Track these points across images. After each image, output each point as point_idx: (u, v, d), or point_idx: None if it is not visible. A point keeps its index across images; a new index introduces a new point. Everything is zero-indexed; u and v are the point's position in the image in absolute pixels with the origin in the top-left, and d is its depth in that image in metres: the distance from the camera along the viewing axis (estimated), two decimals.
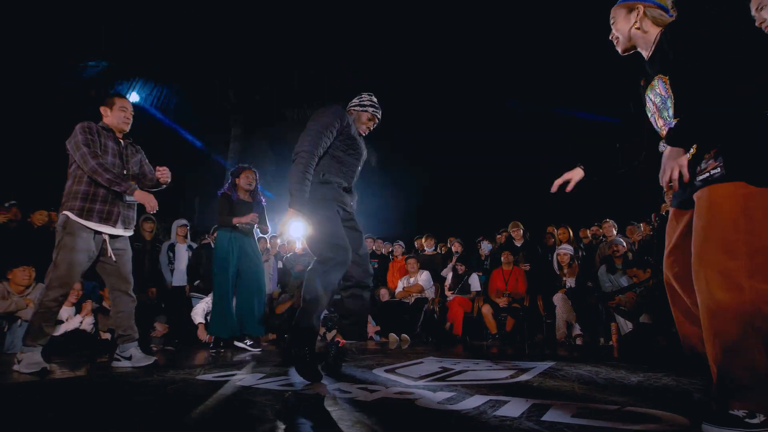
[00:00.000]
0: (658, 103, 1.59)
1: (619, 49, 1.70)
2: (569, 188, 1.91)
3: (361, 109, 2.74)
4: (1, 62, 8.18)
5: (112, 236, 2.93)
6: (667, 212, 1.71)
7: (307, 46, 10.77)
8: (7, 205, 5.13)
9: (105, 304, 4.92)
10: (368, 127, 2.78)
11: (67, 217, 2.73)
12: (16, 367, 2.62)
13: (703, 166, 1.44)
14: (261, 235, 5.11)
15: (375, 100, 2.79)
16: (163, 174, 3.10)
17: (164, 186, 3.18)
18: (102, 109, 3.06)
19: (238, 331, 4.16)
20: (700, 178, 1.44)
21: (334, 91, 11.07)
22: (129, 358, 2.91)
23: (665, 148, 1.52)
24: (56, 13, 8.38)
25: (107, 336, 4.51)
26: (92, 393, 2.07)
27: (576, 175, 1.91)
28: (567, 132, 10.98)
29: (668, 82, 1.52)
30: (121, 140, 3.06)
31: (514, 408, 1.60)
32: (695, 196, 1.46)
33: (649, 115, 1.68)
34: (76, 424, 1.45)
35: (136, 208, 3.10)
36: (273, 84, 10.93)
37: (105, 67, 9.49)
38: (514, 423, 1.42)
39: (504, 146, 12.04)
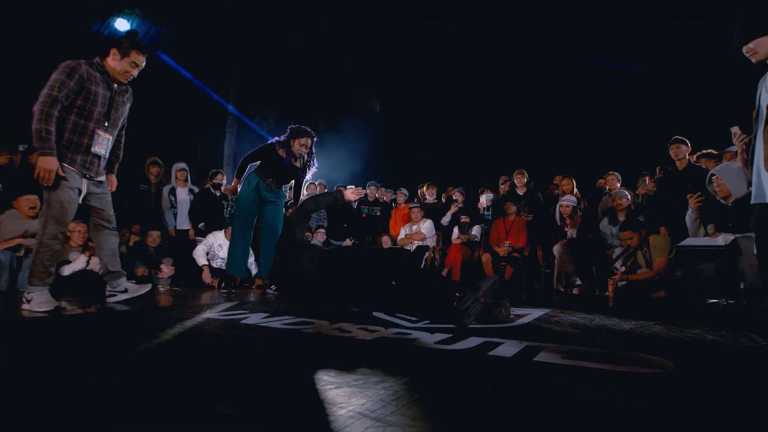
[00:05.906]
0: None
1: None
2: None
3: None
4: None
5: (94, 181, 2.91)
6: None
7: None
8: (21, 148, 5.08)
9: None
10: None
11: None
12: (26, 307, 2.60)
13: None
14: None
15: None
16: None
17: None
18: (112, 51, 2.81)
19: (244, 273, 4.31)
20: None
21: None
22: (125, 291, 3.03)
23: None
24: None
25: None
26: (102, 330, 2.15)
27: None
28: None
29: None
30: (114, 85, 2.88)
31: (507, 349, 1.66)
32: None
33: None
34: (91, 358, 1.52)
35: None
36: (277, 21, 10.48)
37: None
38: (507, 362, 1.48)
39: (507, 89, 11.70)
